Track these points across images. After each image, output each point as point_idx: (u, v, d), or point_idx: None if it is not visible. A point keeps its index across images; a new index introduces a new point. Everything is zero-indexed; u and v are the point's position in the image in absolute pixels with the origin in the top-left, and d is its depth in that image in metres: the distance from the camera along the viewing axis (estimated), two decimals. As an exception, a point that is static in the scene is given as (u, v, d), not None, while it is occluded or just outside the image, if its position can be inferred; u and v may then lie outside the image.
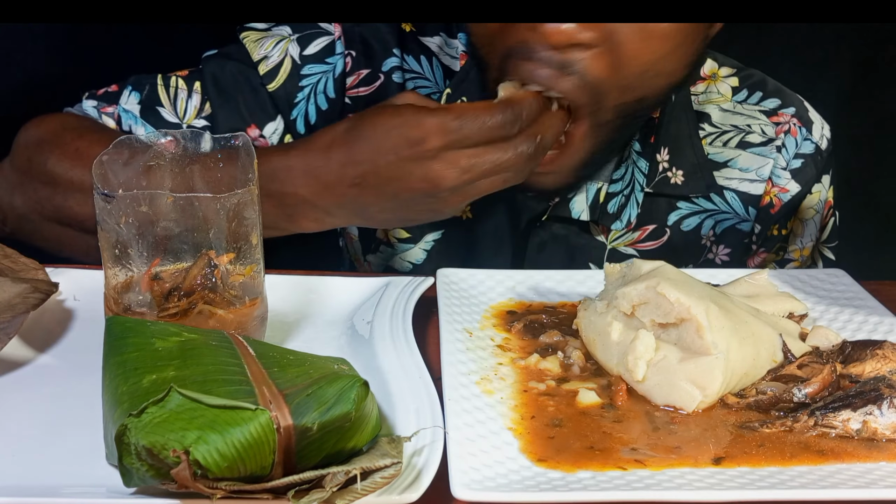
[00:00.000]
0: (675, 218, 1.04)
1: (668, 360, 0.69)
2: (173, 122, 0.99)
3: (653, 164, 1.00)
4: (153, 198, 0.67)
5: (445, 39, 1.05)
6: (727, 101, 1.05)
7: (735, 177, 1.04)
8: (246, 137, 0.72)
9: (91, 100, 1.01)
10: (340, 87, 1.02)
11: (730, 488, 0.58)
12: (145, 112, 0.99)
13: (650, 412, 0.68)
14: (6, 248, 0.84)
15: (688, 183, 1.02)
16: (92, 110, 1.00)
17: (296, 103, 1.02)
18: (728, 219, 1.05)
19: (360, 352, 0.75)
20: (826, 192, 1.08)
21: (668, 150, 1.01)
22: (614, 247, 1.03)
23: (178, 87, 1.00)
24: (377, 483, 0.54)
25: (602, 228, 1.02)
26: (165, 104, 0.99)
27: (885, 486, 0.59)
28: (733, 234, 1.06)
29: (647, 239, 1.04)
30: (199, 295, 0.70)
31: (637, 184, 1.00)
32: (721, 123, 1.05)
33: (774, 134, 1.05)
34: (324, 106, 1.02)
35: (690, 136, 1.02)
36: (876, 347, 0.72)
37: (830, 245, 1.11)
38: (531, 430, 0.65)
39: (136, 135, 0.71)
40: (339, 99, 1.02)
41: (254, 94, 1.01)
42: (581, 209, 0.99)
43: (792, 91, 1.08)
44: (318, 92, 1.02)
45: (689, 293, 0.70)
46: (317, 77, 1.01)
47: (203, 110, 1.00)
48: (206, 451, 0.51)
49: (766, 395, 0.68)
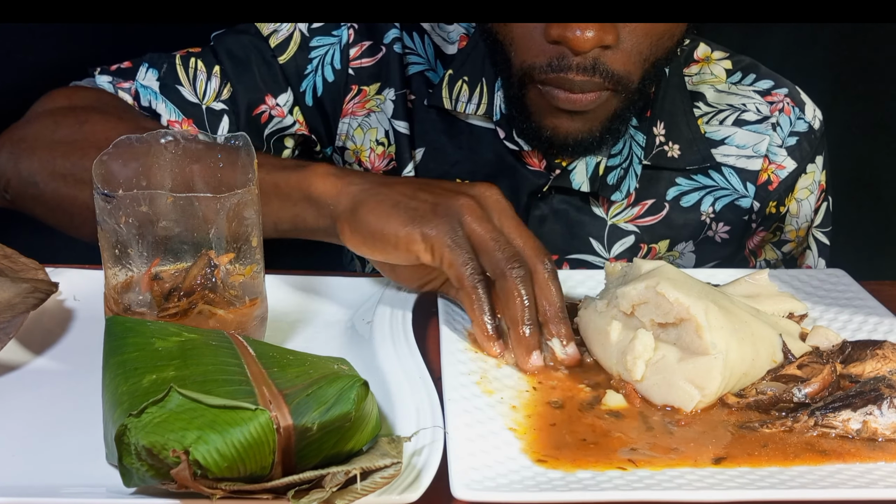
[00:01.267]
0: (675, 193, 1.05)
1: (666, 360, 0.69)
2: (193, 102, 1.00)
3: (650, 137, 1.02)
4: (153, 198, 0.67)
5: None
6: (722, 83, 1.07)
7: (732, 153, 1.06)
8: (246, 137, 0.72)
9: (105, 75, 1.01)
10: (345, 59, 1.04)
11: (730, 488, 0.58)
12: (164, 89, 1.00)
13: (650, 412, 0.68)
14: (6, 248, 0.84)
15: (684, 156, 1.03)
16: (107, 85, 1.00)
17: (305, 75, 1.04)
18: (727, 195, 1.06)
19: (360, 352, 0.75)
20: (819, 173, 1.09)
21: (664, 124, 1.03)
22: (614, 223, 1.04)
23: (196, 69, 1.01)
24: (377, 483, 0.54)
25: (602, 201, 1.03)
26: (185, 83, 1.00)
27: (885, 486, 0.59)
28: (732, 210, 1.07)
29: (646, 214, 1.05)
30: (199, 295, 0.70)
31: (635, 157, 1.01)
32: (716, 103, 1.07)
33: (769, 112, 1.06)
34: (330, 77, 1.04)
35: (685, 112, 1.04)
36: (876, 347, 0.72)
37: (825, 230, 1.12)
38: (531, 429, 0.65)
39: (135, 135, 0.71)
40: (344, 70, 1.04)
41: (266, 65, 1.03)
42: (581, 181, 1.00)
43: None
44: (325, 63, 1.04)
45: (688, 293, 0.70)
46: (325, 49, 1.04)
47: (221, 94, 1.01)
48: (205, 451, 0.51)
49: (766, 395, 0.68)
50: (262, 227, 0.72)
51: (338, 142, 1.07)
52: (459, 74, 1.02)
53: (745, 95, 1.07)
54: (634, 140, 1.01)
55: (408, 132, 1.04)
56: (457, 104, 1.02)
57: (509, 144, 1.00)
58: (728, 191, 1.06)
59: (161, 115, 0.99)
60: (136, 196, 0.67)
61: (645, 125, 1.02)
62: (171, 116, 0.99)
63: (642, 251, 1.05)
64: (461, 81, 1.02)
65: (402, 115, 1.04)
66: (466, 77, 1.02)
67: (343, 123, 1.06)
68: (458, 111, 1.02)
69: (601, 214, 1.04)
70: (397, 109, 1.04)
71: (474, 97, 1.01)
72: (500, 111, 1.00)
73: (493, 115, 1.01)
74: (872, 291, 0.86)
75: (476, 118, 1.03)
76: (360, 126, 1.06)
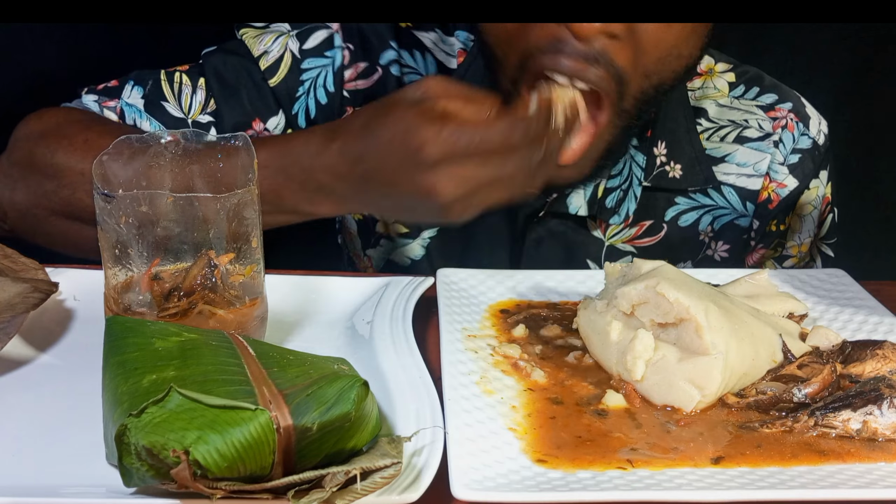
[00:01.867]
0: (673, 213, 1.04)
1: (666, 360, 0.69)
2: (178, 117, 0.99)
3: (650, 157, 1.01)
4: (153, 198, 0.67)
5: (441, 36, 1.05)
6: (724, 97, 1.06)
7: (733, 172, 1.04)
8: (246, 137, 0.72)
9: (91, 94, 1.00)
10: (339, 81, 1.03)
11: (730, 488, 0.58)
12: (149, 107, 0.99)
13: (651, 412, 0.68)
14: (6, 248, 0.83)
15: (686, 176, 1.02)
16: (93, 104, 0.99)
17: (297, 97, 1.02)
18: (726, 214, 1.05)
19: (360, 352, 0.75)
20: (824, 187, 1.08)
21: (666, 144, 1.01)
22: (612, 243, 1.03)
23: (182, 83, 1.00)
24: (377, 483, 0.54)
25: (600, 223, 1.02)
26: (170, 99, 0.99)
27: (885, 486, 0.59)
28: (731, 229, 1.06)
29: (644, 235, 1.04)
30: (199, 295, 0.70)
31: (635, 178, 1.00)
32: (718, 118, 1.05)
33: (772, 129, 1.05)
34: (323, 100, 1.03)
35: (688, 130, 1.02)
36: (876, 347, 0.72)
37: (829, 241, 1.11)
38: (531, 429, 0.65)
39: (136, 135, 0.71)
40: (338, 93, 1.03)
41: (256, 89, 1.01)
42: (579, 205, 1.00)
43: (789, 88, 1.09)
44: (317, 86, 1.02)
45: (688, 293, 0.70)
46: (316, 71, 1.02)
47: (208, 106, 1.00)
48: (205, 451, 0.51)
49: (766, 395, 0.68)
50: (262, 227, 0.72)
51: None
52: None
53: (747, 111, 1.05)
54: (634, 161, 1.00)
55: None
56: None
57: None
58: (727, 210, 1.05)
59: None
60: (136, 196, 0.67)
61: (645, 145, 1.00)
62: None
63: None
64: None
65: None
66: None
67: None
68: None
69: (598, 236, 1.03)
70: None
71: None
72: None
73: None
74: (872, 291, 0.86)
75: None
76: None
